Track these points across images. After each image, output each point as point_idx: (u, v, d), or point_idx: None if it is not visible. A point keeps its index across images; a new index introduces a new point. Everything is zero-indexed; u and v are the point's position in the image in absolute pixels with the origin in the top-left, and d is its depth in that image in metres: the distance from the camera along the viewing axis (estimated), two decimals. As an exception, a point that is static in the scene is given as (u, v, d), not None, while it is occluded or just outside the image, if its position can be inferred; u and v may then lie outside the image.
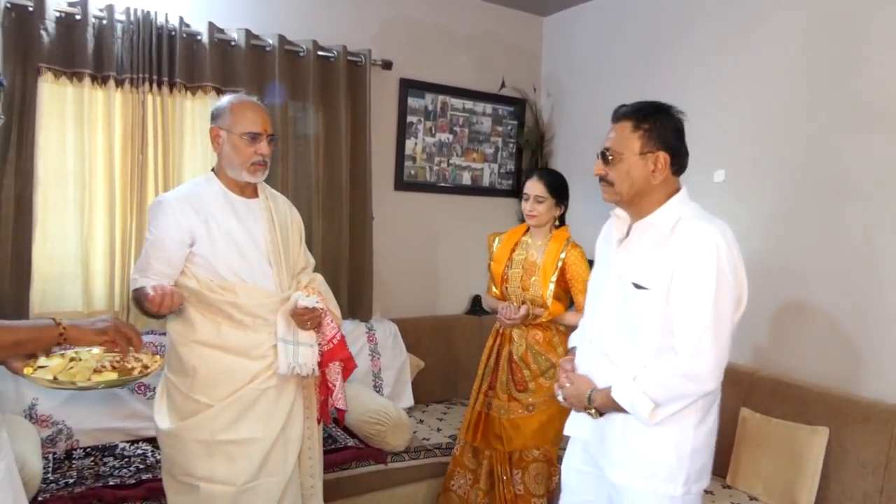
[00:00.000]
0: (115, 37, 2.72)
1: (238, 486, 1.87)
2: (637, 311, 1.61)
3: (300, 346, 1.95)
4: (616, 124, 1.69)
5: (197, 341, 1.88)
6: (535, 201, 2.53)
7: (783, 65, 2.81)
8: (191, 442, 1.86)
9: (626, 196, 1.67)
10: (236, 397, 1.87)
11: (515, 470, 2.57)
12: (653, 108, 1.68)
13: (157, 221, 1.92)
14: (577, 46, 3.87)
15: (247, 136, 1.92)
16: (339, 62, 3.26)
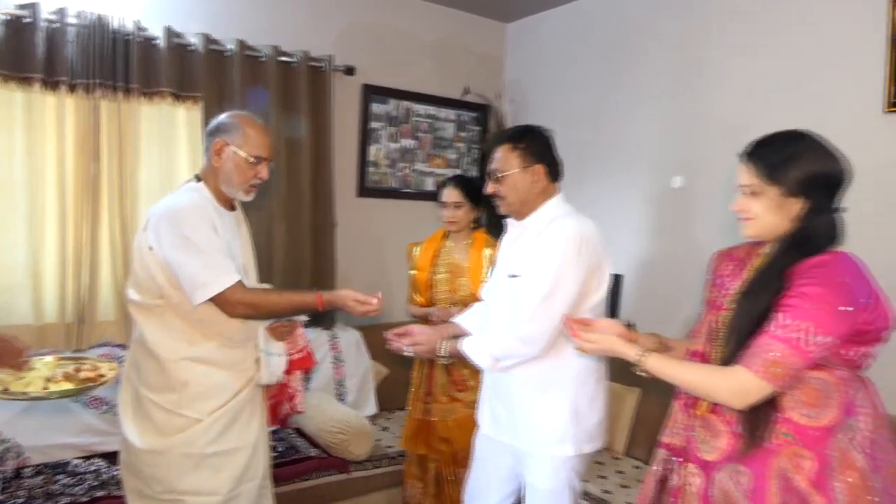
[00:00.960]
0: (66, 40, 2.65)
1: (224, 495, 1.86)
2: (514, 296, 1.86)
3: (271, 356, 1.99)
4: (497, 148, 1.97)
5: (189, 358, 1.83)
6: (454, 207, 2.62)
7: (738, 72, 2.87)
8: (178, 457, 1.82)
9: (516, 206, 1.95)
10: (224, 410, 1.86)
11: (461, 469, 2.58)
12: (524, 129, 2.02)
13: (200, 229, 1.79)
14: (541, 53, 3.91)
15: (254, 158, 1.87)
16: (301, 67, 3.23)
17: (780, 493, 1.31)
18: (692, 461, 1.45)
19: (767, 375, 1.28)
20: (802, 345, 1.26)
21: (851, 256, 1.36)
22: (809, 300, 1.28)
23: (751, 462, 1.35)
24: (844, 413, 1.33)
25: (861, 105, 2.47)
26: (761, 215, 1.40)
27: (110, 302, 2.81)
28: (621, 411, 2.97)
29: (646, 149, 3.30)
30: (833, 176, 1.38)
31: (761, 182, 1.38)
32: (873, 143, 2.44)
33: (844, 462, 1.30)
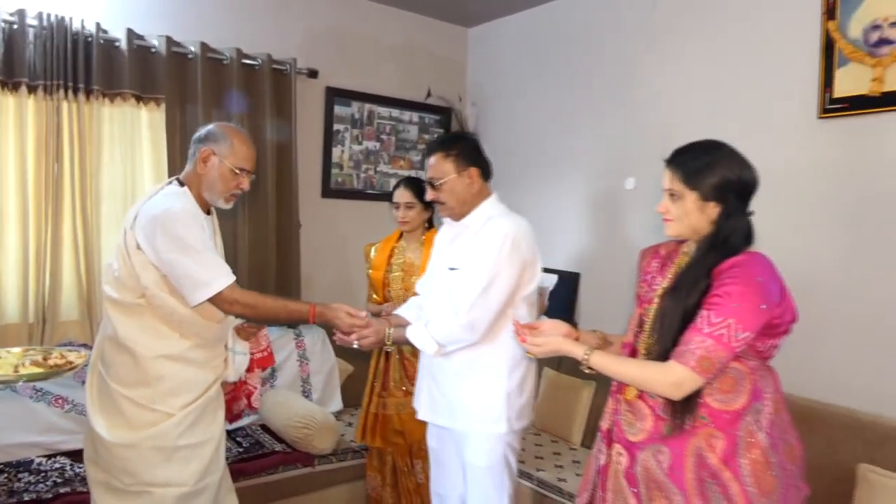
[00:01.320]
0: (26, 42, 2.67)
1: (191, 486, 1.92)
2: (454, 288, 2.02)
3: (236, 355, 2.08)
4: (431, 157, 2.11)
5: (165, 355, 1.88)
6: (406, 208, 2.71)
7: (680, 80, 3.02)
8: (149, 450, 1.87)
9: (456, 209, 2.10)
10: (195, 406, 1.92)
11: (416, 460, 2.69)
12: (454, 137, 2.21)
13: (192, 231, 1.84)
14: (501, 57, 4.02)
15: (238, 170, 1.94)
16: (264, 70, 3.28)
17: (695, 469, 1.45)
18: (619, 442, 1.58)
19: (699, 369, 1.40)
20: (728, 340, 1.40)
21: (764, 257, 1.50)
22: (732, 298, 1.40)
23: (670, 442, 1.48)
24: (753, 398, 1.47)
25: (796, 111, 2.61)
26: (681, 217, 1.53)
27: (73, 302, 2.82)
28: (577, 404, 3.09)
29: (600, 151, 3.43)
30: (745, 183, 1.51)
31: (681, 187, 1.52)
32: (808, 147, 2.60)
33: (750, 441, 1.45)
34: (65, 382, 2.71)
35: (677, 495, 1.46)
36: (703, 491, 1.44)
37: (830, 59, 2.50)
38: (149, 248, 1.82)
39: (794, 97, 2.62)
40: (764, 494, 1.43)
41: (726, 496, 1.43)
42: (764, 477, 1.44)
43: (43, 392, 2.67)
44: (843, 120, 2.50)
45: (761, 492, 1.43)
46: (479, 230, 2.05)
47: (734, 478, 1.43)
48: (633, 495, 1.53)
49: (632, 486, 1.53)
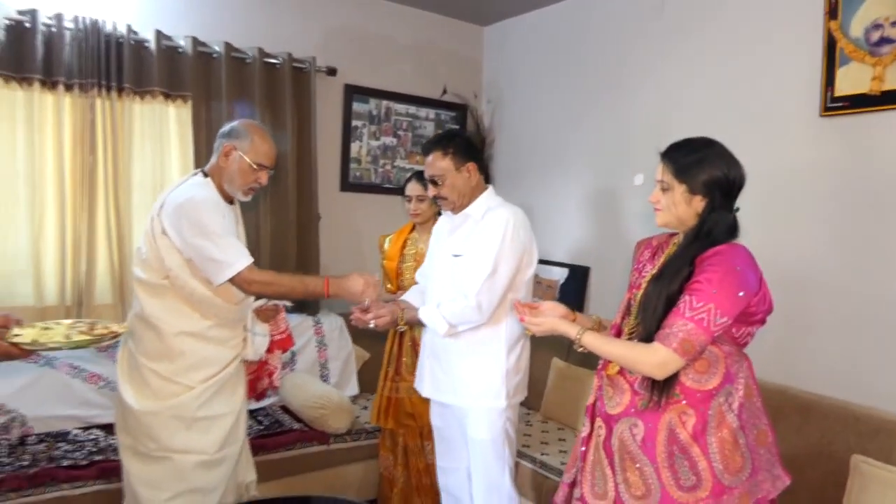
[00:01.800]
0: (64, 43, 2.84)
1: (210, 455, 2.09)
2: (457, 273, 2.19)
3: (256, 336, 2.24)
4: (429, 156, 2.25)
5: (186, 332, 2.05)
6: (417, 201, 2.83)
7: (695, 74, 3.08)
8: (170, 419, 2.05)
9: (458, 202, 2.25)
10: (214, 380, 2.09)
11: (426, 442, 2.81)
12: (449, 135, 2.34)
13: (214, 218, 1.99)
14: (516, 55, 4.11)
15: (256, 165, 2.08)
16: (285, 69, 3.43)
17: (666, 443, 1.56)
18: (600, 415, 1.70)
19: (681, 351, 1.50)
20: (707, 325, 1.49)
21: (744, 248, 1.58)
22: (712, 285, 1.49)
23: (645, 416, 1.59)
24: (725, 381, 1.57)
25: (798, 110, 2.66)
26: (669, 207, 1.62)
27: (106, 286, 3.01)
28: (584, 394, 3.15)
29: (611, 147, 3.50)
30: (731, 181, 1.60)
31: (671, 179, 1.61)
32: (810, 145, 2.66)
33: (720, 421, 1.55)
34: (99, 361, 2.91)
35: (648, 466, 1.57)
36: (672, 464, 1.54)
37: (832, 58, 2.54)
38: (174, 234, 1.98)
39: (796, 96, 2.68)
40: (730, 472, 1.53)
41: (694, 470, 1.53)
42: (732, 456, 1.53)
43: (79, 369, 2.87)
44: (844, 118, 2.54)
45: (727, 469, 1.52)
46: (479, 220, 2.21)
47: (702, 454, 1.53)
48: (608, 465, 1.64)
49: (608, 457, 1.64)
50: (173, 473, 2.06)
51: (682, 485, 1.54)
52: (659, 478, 1.55)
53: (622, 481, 1.60)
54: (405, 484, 2.87)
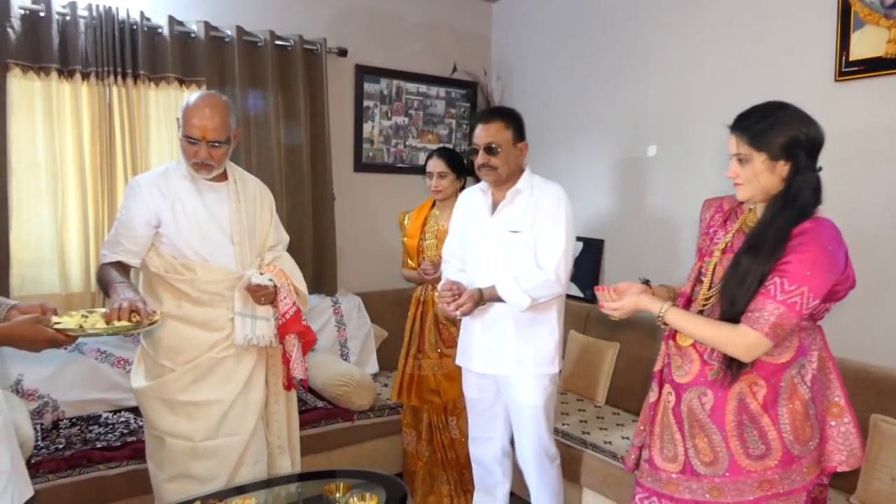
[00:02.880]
0: (78, 32, 2.86)
1: (196, 441, 2.08)
2: (515, 248, 2.27)
3: (258, 320, 2.14)
4: (488, 124, 2.30)
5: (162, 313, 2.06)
6: (439, 177, 2.84)
7: (708, 42, 3.07)
8: (156, 400, 2.08)
9: (504, 176, 2.31)
10: (194, 364, 2.08)
11: (451, 417, 2.86)
12: (513, 111, 2.39)
13: (128, 202, 2.10)
14: (525, 31, 4.10)
15: (188, 139, 2.06)
16: (296, 51, 3.44)
17: (735, 412, 1.56)
18: (668, 382, 1.70)
19: (772, 335, 1.48)
20: (800, 308, 1.46)
21: (831, 223, 1.54)
22: (805, 266, 1.45)
23: (714, 386, 1.59)
24: (798, 354, 1.56)
25: (813, 74, 2.66)
26: (751, 179, 1.56)
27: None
28: (602, 365, 3.22)
29: (622, 120, 3.51)
30: (812, 139, 1.54)
31: (748, 149, 1.55)
32: (825, 110, 2.62)
33: (792, 392, 1.54)
34: (125, 346, 2.97)
35: (716, 435, 1.57)
36: (742, 433, 1.55)
37: (847, 22, 2.54)
38: None
39: (810, 61, 2.67)
40: (800, 442, 1.53)
41: (763, 440, 1.54)
42: (802, 427, 1.53)
43: (106, 354, 2.93)
44: (859, 82, 2.54)
45: (797, 440, 1.53)
46: (530, 195, 2.30)
47: (773, 424, 1.53)
48: (678, 430, 1.64)
49: (677, 422, 1.65)
50: (168, 455, 2.10)
51: (751, 453, 1.54)
52: (727, 446, 1.55)
53: (692, 447, 1.61)
54: (430, 459, 2.92)
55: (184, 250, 2.10)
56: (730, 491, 1.55)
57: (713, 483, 1.57)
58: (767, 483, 1.52)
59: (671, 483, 1.63)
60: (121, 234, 2.09)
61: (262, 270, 2.19)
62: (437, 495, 2.92)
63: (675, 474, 1.63)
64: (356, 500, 1.95)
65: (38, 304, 1.63)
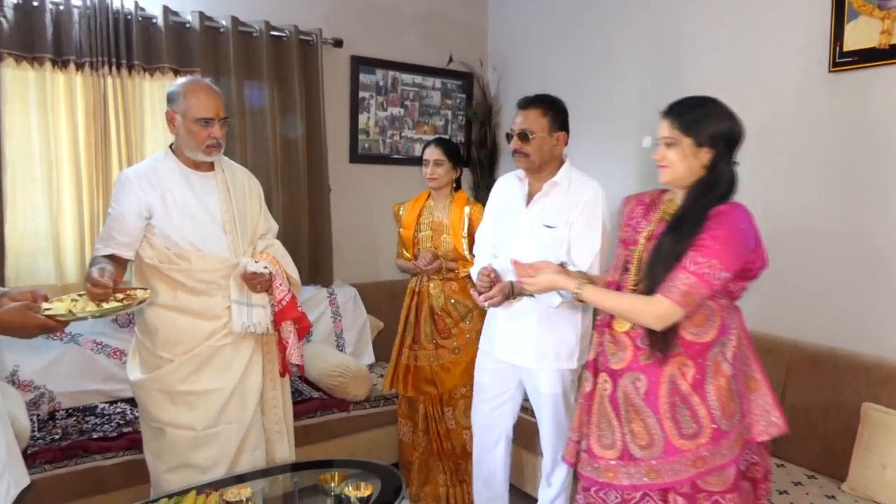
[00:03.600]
0: (72, 22, 2.85)
1: (199, 431, 2.10)
2: (547, 243, 2.23)
3: (254, 308, 2.15)
4: (526, 110, 2.27)
5: (157, 305, 2.08)
6: (435, 165, 2.84)
7: (704, 32, 3.07)
8: (155, 392, 2.09)
9: (537, 164, 2.28)
10: (193, 354, 2.08)
11: (446, 408, 2.88)
12: (554, 98, 2.34)
13: (118, 196, 2.10)
14: (521, 21, 4.09)
15: (200, 121, 2.06)
16: (292, 41, 3.43)
17: (668, 394, 1.64)
18: (604, 371, 1.77)
19: (682, 303, 1.57)
20: (709, 279, 1.56)
21: (743, 207, 1.66)
22: (717, 242, 1.56)
23: (647, 370, 1.67)
24: (721, 333, 1.65)
25: (807, 65, 2.67)
26: (675, 163, 1.67)
27: (125, 263, 3.06)
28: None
29: (617, 111, 3.51)
30: (734, 134, 1.68)
31: (678, 134, 1.66)
32: (819, 100, 2.67)
33: (716, 370, 1.63)
34: (121, 336, 2.98)
35: (651, 418, 1.65)
36: (675, 414, 1.63)
37: (841, 13, 2.55)
38: None
39: (804, 52, 2.68)
40: (727, 417, 1.62)
41: (694, 418, 1.62)
42: (728, 402, 1.62)
43: (102, 345, 2.93)
44: (852, 73, 2.55)
45: (724, 415, 1.62)
46: (567, 189, 2.27)
47: (702, 402, 1.62)
48: (615, 417, 1.71)
49: (614, 409, 1.72)
50: (168, 446, 2.11)
51: (684, 433, 1.62)
52: (662, 428, 1.63)
53: (628, 432, 1.67)
54: (426, 449, 2.94)
55: (177, 240, 2.10)
56: (666, 472, 1.62)
57: (650, 465, 1.64)
58: (701, 460, 1.60)
59: (609, 470, 1.70)
60: (113, 227, 2.09)
61: (256, 258, 2.20)
62: (433, 485, 2.94)
63: (614, 461, 1.69)
64: (351, 490, 1.97)
65: (29, 290, 1.63)
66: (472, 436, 2.84)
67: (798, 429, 2.49)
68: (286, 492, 2.12)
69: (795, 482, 2.33)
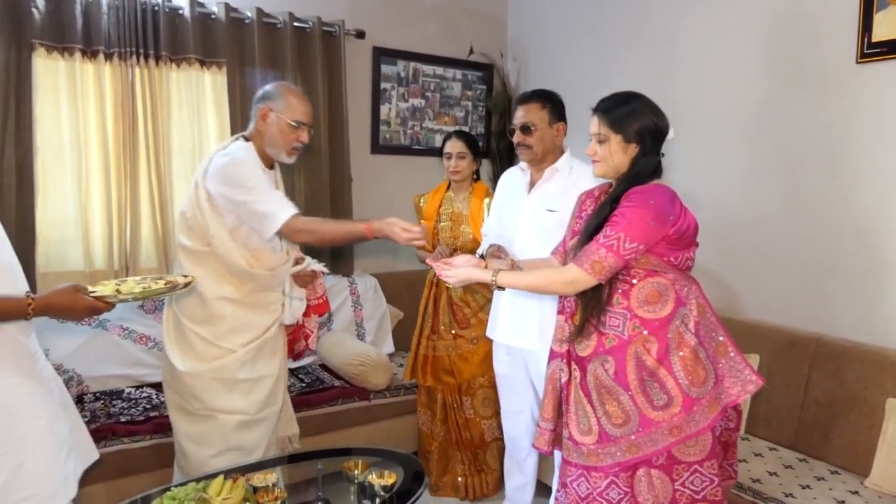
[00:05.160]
0: (101, 13, 2.89)
1: (251, 415, 2.19)
2: (549, 227, 2.26)
3: (293, 300, 2.30)
4: (526, 105, 2.37)
5: (225, 298, 2.13)
6: (458, 158, 2.87)
7: (728, 22, 3.04)
8: (213, 381, 2.14)
9: (539, 156, 2.37)
10: (255, 345, 2.17)
11: (465, 398, 2.90)
12: (550, 92, 2.43)
13: (252, 174, 2.05)
14: (541, 12, 4.07)
15: (294, 123, 2.13)
16: (315, 33, 3.45)
17: (635, 370, 1.72)
18: (574, 360, 1.84)
19: (591, 271, 1.70)
20: (617, 249, 1.68)
21: (664, 186, 1.76)
22: (625, 217, 1.68)
23: (613, 351, 1.74)
24: (678, 305, 1.73)
25: (835, 56, 2.64)
26: (607, 158, 1.79)
27: (151, 250, 3.11)
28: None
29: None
30: (660, 128, 1.78)
31: (608, 131, 1.78)
32: (847, 91, 2.63)
33: (679, 341, 1.71)
34: (147, 322, 3.03)
35: (623, 395, 1.72)
36: (645, 389, 1.71)
37: (870, 2, 2.51)
38: (219, 195, 2.05)
39: (833, 42, 2.64)
40: (696, 385, 1.69)
41: (664, 390, 1.70)
42: (695, 370, 1.70)
43: (129, 330, 2.99)
44: (881, 64, 2.51)
45: (693, 383, 1.69)
46: (568, 175, 2.36)
47: (669, 373, 1.69)
48: (588, 403, 1.78)
49: (586, 395, 1.79)
50: (217, 432, 2.16)
51: (656, 405, 1.70)
52: (635, 404, 1.71)
53: (603, 414, 1.74)
54: (444, 439, 2.96)
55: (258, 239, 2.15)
56: (645, 444, 1.70)
57: (629, 441, 1.71)
58: (676, 429, 1.68)
59: (593, 455, 1.76)
60: (277, 195, 2.10)
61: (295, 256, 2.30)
62: (452, 475, 2.96)
63: (593, 445, 1.75)
64: (375, 478, 2.00)
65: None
66: (490, 426, 2.87)
67: (821, 424, 2.49)
68: (309, 478, 2.15)
69: (818, 477, 2.32)
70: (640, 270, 1.73)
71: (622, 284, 1.75)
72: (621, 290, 1.75)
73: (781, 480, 2.30)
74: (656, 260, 1.72)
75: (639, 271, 1.73)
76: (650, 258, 1.72)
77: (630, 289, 1.75)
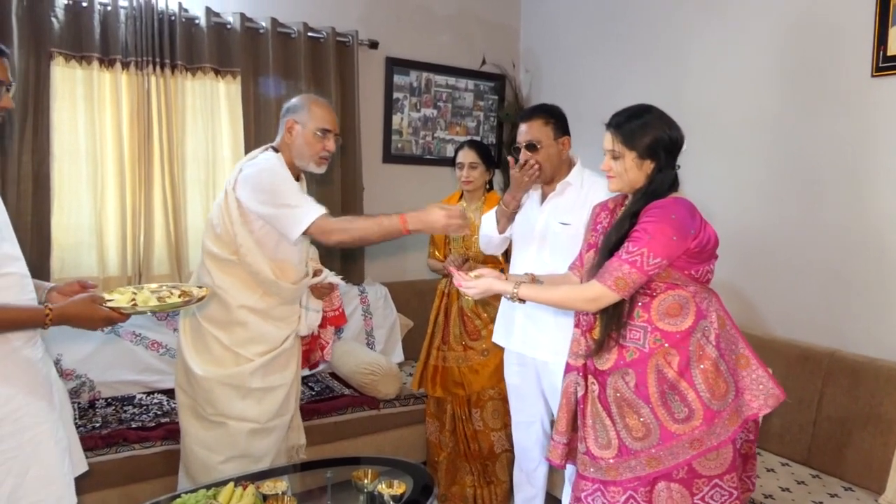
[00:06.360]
0: (119, 22, 2.93)
1: (262, 424, 2.20)
2: (562, 240, 2.26)
3: (309, 311, 2.33)
4: (530, 121, 2.33)
5: (248, 307, 2.15)
6: (470, 168, 2.87)
7: (743, 35, 3.04)
8: (228, 387, 2.15)
9: (549, 173, 2.32)
10: (272, 355, 2.18)
11: (474, 409, 2.89)
12: (551, 106, 2.39)
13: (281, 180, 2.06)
14: (553, 23, 4.09)
15: (320, 132, 2.14)
16: (329, 43, 3.48)
17: (656, 383, 1.70)
18: (591, 373, 1.82)
19: (615, 287, 1.68)
20: (641, 265, 1.66)
21: (683, 199, 1.76)
22: (647, 232, 1.67)
23: (634, 364, 1.73)
24: (698, 318, 1.73)
25: (850, 69, 2.63)
26: (622, 174, 1.78)
27: (164, 257, 3.13)
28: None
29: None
30: (673, 140, 1.76)
31: (622, 147, 1.76)
32: (861, 105, 2.62)
33: (700, 354, 1.70)
34: (159, 329, 3.05)
35: (644, 408, 1.70)
36: (666, 402, 1.70)
37: (885, 15, 2.50)
38: (248, 202, 2.07)
39: (848, 55, 2.64)
40: (717, 398, 1.68)
41: (685, 403, 1.69)
42: (716, 383, 1.68)
43: (141, 337, 3.01)
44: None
45: (714, 396, 1.68)
46: (580, 188, 2.32)
47: (690, 386, 1.69)
48: (607, 416, 1.76)
49: (605, 409, 1.76)
50: (227, 439, 2.17)
51: (677, 418, 1.68)
52: (656, 416, 1.69)
53: (622, 427, 1.73)
54: (453, 449, 2.95)
55: (294, 252, 2.18)
56: (666, 457, 1.68)
57: (650, 454, 1.69)
58: (697, 441, 1.66)
59: (611, 469, 1.74)
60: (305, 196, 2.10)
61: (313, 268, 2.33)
62: (461, 486, 2.95)
63: (612, 459, 1.73)
64: (385, 487, 1.99)
65: (75, 281, 1.68)
66: (499, 438, 2.86)
67: (835, 440, 2.46)
68: (318, 487, 2.15)
69: (832, 494, 2.30)
70: (661, 283, 1.72)
71: (643, 297, 1.73)
72: (642, 303, 1.74)
73: (794, 496, 2.28)
74: (677, 273, 1.71)
75: (659, 284, 1.72)
76: (671, 272, 1.70)
77: (651, 301, 1.73)
